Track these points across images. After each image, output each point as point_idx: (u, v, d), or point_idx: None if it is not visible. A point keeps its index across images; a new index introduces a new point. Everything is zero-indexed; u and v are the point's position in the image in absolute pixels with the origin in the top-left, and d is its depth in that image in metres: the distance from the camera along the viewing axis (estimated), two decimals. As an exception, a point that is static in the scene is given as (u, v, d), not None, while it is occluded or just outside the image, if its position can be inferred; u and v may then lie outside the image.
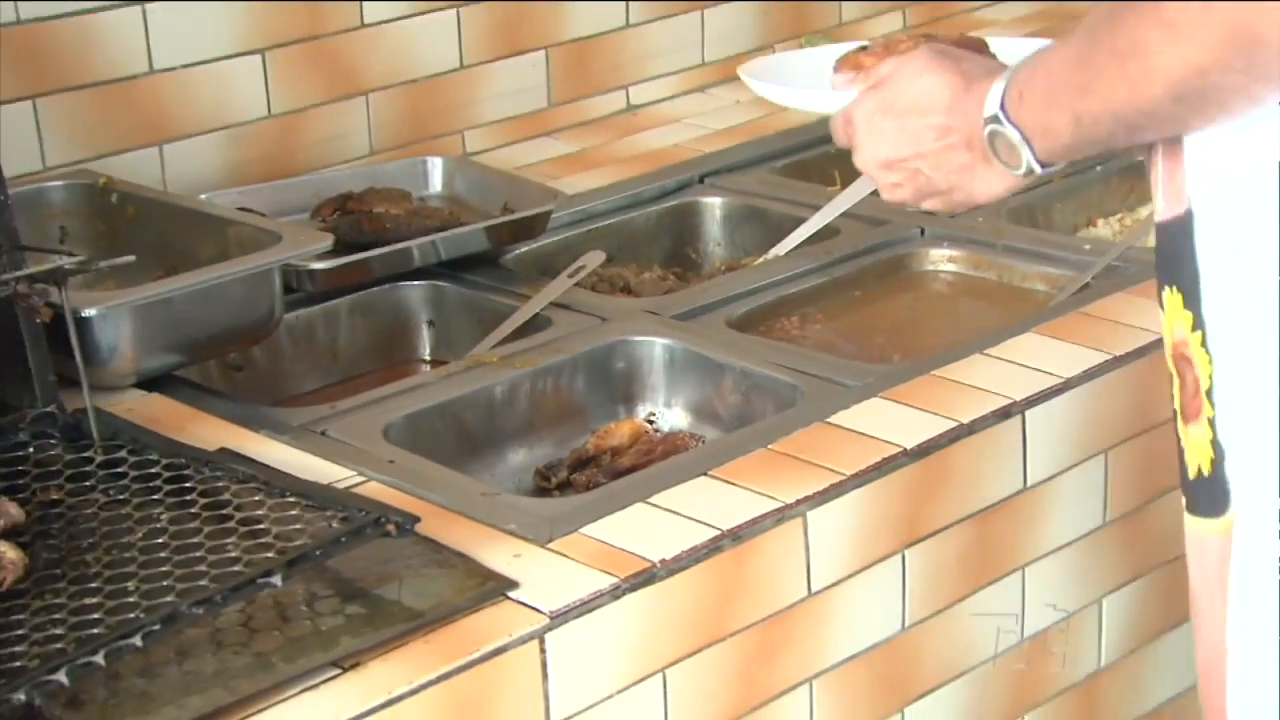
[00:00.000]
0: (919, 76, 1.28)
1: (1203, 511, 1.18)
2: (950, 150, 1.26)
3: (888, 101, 1.29)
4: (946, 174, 1.28)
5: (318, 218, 1.86)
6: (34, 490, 1.35)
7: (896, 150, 1.29)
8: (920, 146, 1.28)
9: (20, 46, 1.77)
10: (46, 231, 1.71)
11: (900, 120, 1.28)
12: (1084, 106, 1.14)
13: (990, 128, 1.21)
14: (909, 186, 1.31)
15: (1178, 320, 1.17)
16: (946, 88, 1.26)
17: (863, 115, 1.32)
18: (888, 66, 1.33)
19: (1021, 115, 1.19)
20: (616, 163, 2.10)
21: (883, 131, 1.30)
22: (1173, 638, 1.71)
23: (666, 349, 1.67)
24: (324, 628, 1.19)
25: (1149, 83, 1.08)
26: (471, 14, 2.11)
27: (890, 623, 1.45)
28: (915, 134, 1.28)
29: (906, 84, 1.28)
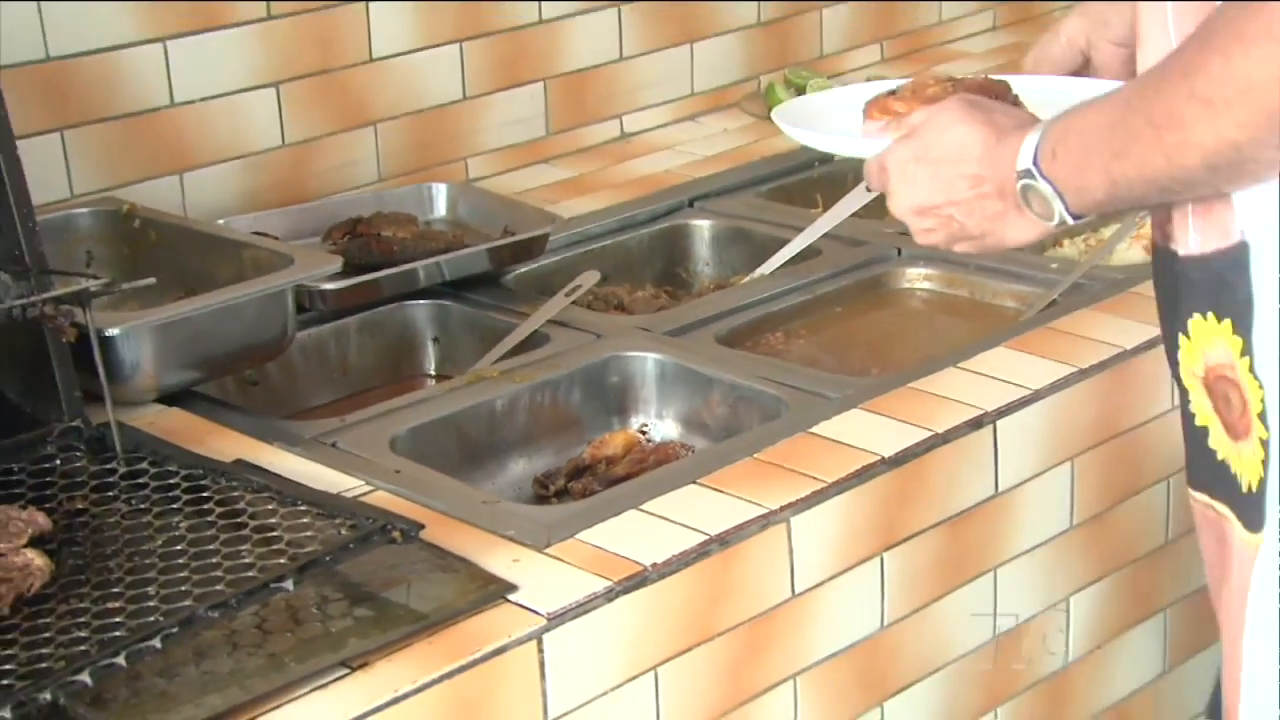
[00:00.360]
0: (951, 127, 1.27)
1: (1249, 526, 1.17)
2: (983, 199, 1.25)
3: (921, 150, 1.28)
4: (979, 220, 1.26)
5: (329, 241, 1.86)
6: (60, 500, 1.35)
7: (930, 198, 1.28)
8: (953, 194, 1.27)
9: (49, 81, 1.77)
10: (74, 255, 1.71)
11: (934, 169, 1.27)
12: (1119, 170, 1.13)
13: (1023, 182, 1.20)
14: (942, 232, 1.30)
15: (1213, 344, 1.16)
16: (978, 139, 1.25)
17: (897, 163, 1.30)
18: (919, 116, 1.31)
19: (1054, 171, 1.19)
20: (611, 188, 2.10)
21: (916, 179, 1.28)
22: (1135, 634, 1.71)
23: (658, 363, 1.67)
24: (333, 630, 1.19)
25: (1184, 154, 1.08)
26: (473, 48, 2.11)
27: (869, 622, 1.45)
28: (948, 182, 1.26)
29: (939, 134, 1.27)
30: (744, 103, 2.38)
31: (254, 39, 1.91)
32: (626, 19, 2.25)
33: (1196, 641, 1.79)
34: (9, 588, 1.20)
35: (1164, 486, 1.68)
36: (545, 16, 2.17)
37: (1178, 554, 1.73)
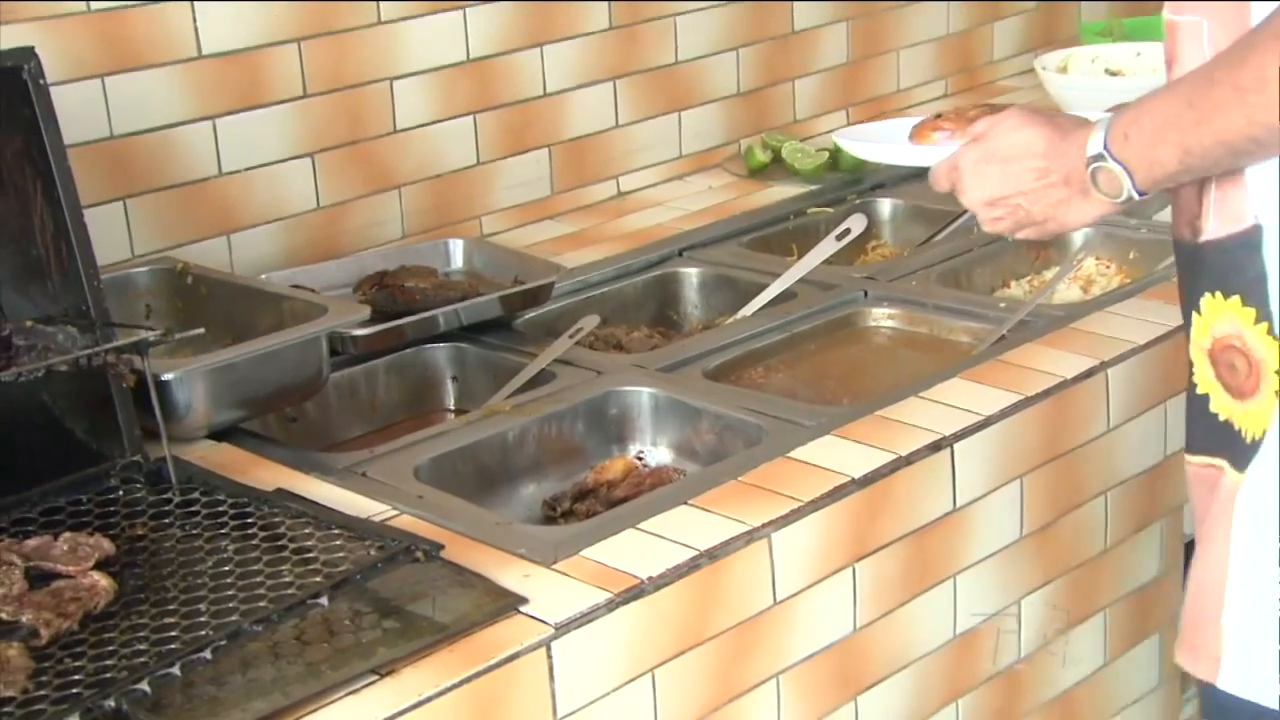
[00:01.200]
0: (1017, 130, 1.32)
1: (1239, 467, 1.22)
2: (1050, 188, 1.30)
3: (989, 151, 1.33)
4: (1044, 207, 1.31)
5: (358, 292, 1.85)
6: (123, 527, 1.34)
7: (1000, 189, 1.33)
8: (1021, 185, 1.31)
9: (113, 157, 1.77)
10: (134, 309, 1.70)
11: (1002, 165, 1.32)
12: (1194, 139, 1.18)
13: (1094, 165, 1.25)
14: (1009, 220, 1.35)
15: (1221, 318, 1.22)
16: (1041, 138, 1.30)
17: (968, 163, 1.35)
18: (982, 125, 1.36)
19: (1126, 152, 1.23)
20: (609, 240, 2.10)
21: (987, 175, 1.33)
22: (1079, 632, 1.70)
23: (652, 397, 1.66)
24: (364, 640, 1.18)
25: (1269, 112, 1.12)
26: (485, 119, 2.10)
27: (843, 625, 1.44)
28: (1016, 176, 1.31)
29: (1005, 136, 1.32)
30: (726, 163, 2.38)
31: (292, 115, 1.91)
32: (621, 91, 2.25)
33: (1132, 637, 1.78)
34: (78, 606, 1.19)
35: (1102, 500, 1.67)
36: (549, 90, 2.17)
37: (1116, 560, 1.72)
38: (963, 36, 2.72)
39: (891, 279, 1.93)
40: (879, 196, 2.25)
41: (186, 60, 1.81)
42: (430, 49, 2.02)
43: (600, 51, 2.20)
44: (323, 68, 1.92)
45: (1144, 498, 1.73)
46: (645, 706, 1.29)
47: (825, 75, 2.52)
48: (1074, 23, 2.86)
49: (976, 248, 2.03)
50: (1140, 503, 1.72)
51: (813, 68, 2.50)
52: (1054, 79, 2.40)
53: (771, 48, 2.43)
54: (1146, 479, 1.72)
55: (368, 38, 1.96)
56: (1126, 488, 1.70)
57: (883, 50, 2.60)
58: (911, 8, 2.62)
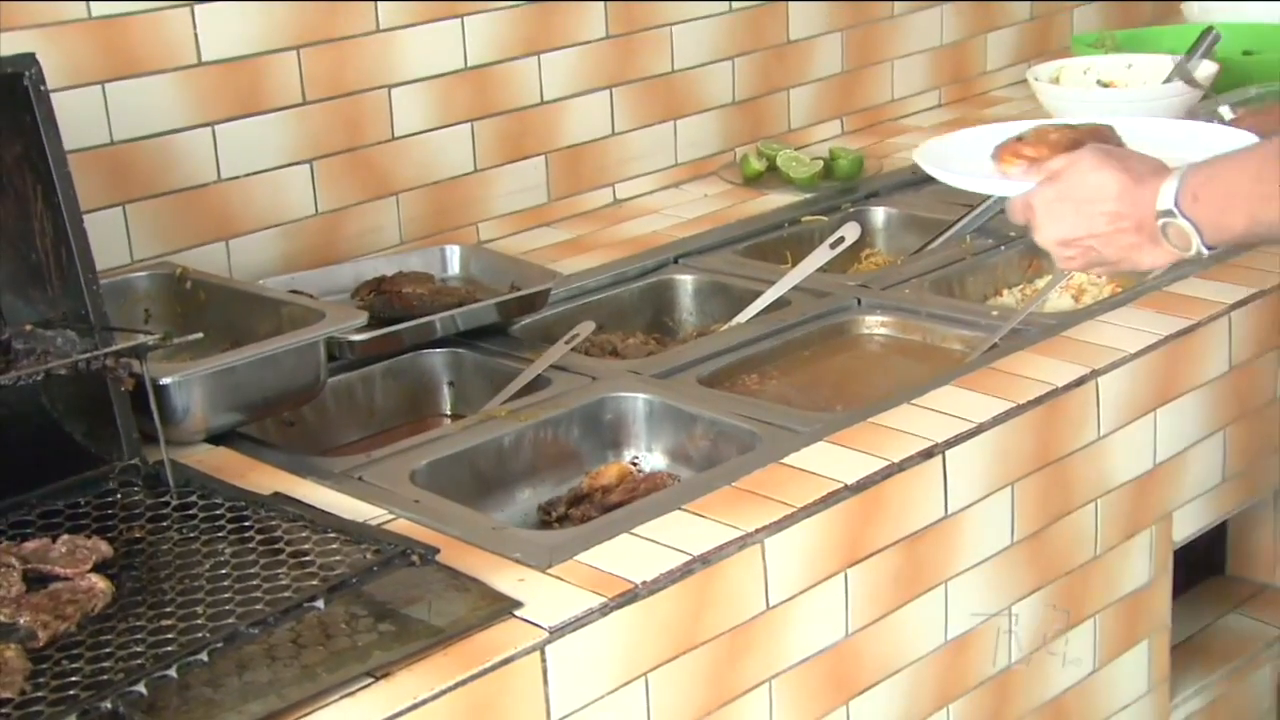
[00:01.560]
0: (1092, 172, 1.34)
1: None
2: (1121, 233, 1.33)
3: (1064, 192, 1.36)
4: (1115, 250, 1.35)
5: (356, 297, 1.85)
6: (121, 530, 1.34)
7: (1073, 231, 1.36)
8: (1094, 228, 1.34)
9: (113, 162, 1.77)
10: (133, 313, 1.71)
11: (1076, 206, 1.35)
12: (1262, 211, 1.23)
13: (1164, 220, 1.29)
14: (1080, 260, 1.39)
15: None
16: (1116, 182, 1.33)
17: (1043, 202, 1.38)
18: (1059, 162, 1.39)
19: (1196, 212, 1.27)
20: (605, 247, 2.10)
21: (1061, 216, 1.36)
22: (1070, 638, 1.70)
23: (647, 402, 1.66)
24: (360, 643, 1.18)
25: None
26: (483, 126, 2.11)
27: (836, 630, 1.44)
28: (1090, 218, 1.34)
29: (1080, 177, 1.35)
30: (722, 172, 2.38)
31: (290, 122, 1.91)
32: (617, 99, 2.26)
33: (1122, 643, 1.78)
34: (76, 608, 1.19)
35: (1092, 507, 1.68)
36: (546, 98, 2.17)
37: (1105, 567, 1.72)
38: (957, 47, 2.73)
39: (885, 287, 1.94)
40: (873, 205, 2.25)
41: (187, 67, 1.81)
42: (428, 57, 2.03)
43: (597, 60, 2.21)
44: (322, 75, 1.93)
45: (1134, 505, 1.73)
46: (639, 710, 1.29)
47: (820, 85, 2.52)
48: (1067, 34, 2.87)
49: (969, 256, 2.04)
50: (1130, 510, 1.73)
51: (808, 77, 2.50)
52: (1046, 90, 2.41)
53: (767, 57, 2.43)
54: (1136, 487, 1.72)
55: (366, 45, 1.96)
56: (1116, 495, 1.70)
57: (877, 60, 2.60)
58: (906, 19, 2.62)
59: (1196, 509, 1.82)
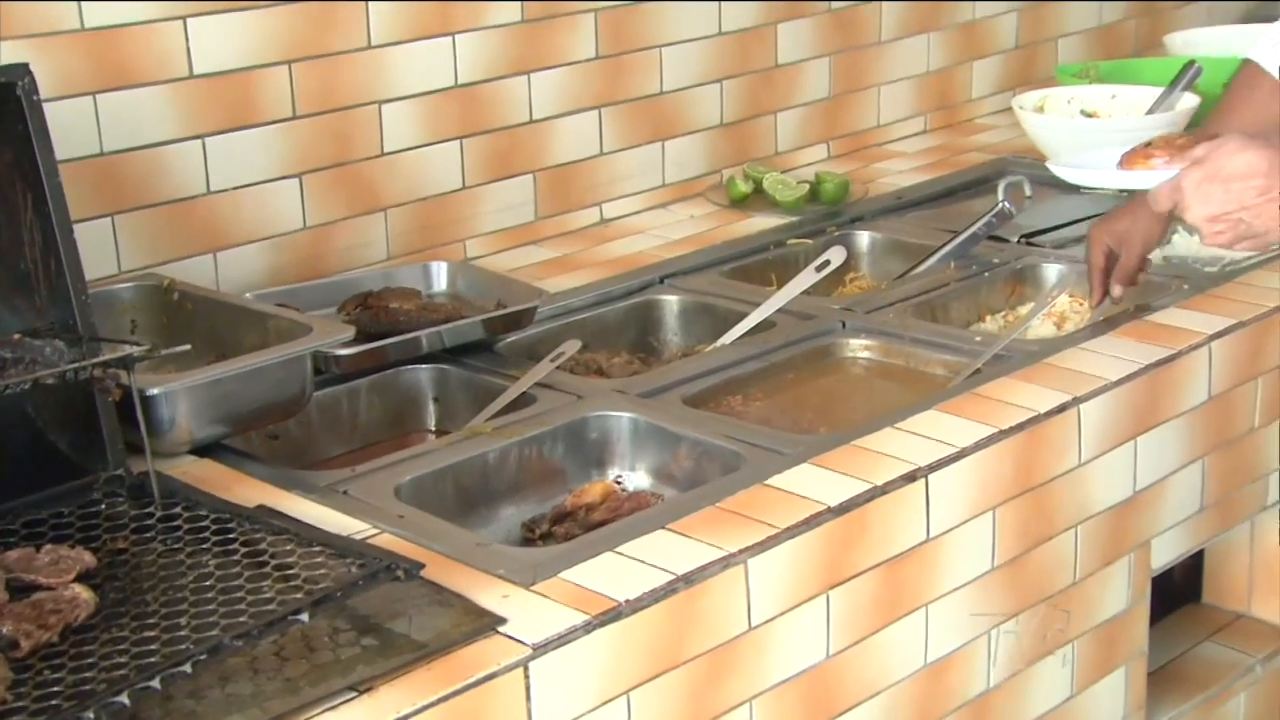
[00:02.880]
0: (1239, 152, 1.46)
1: None
2: (1271, 203, 1.44)
3: (1212, 172, 1.47)
4: (1266, 220, 1.46)
5: (343, 312, 1.85)
6: (105, 540, 1.34)
7: (1224, 207, 1.47)
8: (1244, 201, 1.45)
9: (102, 173, 1.77)
10: (120, 324, 1.70)
11: (1226, 184, 1.46)
12: None
13: None
14: (1229, 233, 1.49)
15: None
16: (1264, 158, 1.45)
17: (1191, 183, 1.49)
18: (1201, 150, 1.50)
19: None
20: (591, 266, 2.10)
21: (1210, 194, 1.47)
22: (1048, 663, 1.71)
23: (632, 421, 1.67)
24: (343, 657, 1.18)
25: None
26: (472, 144, 2.11)
27: (817, 651, 1.45)
28: (1239, 193, 1.46)
29: (1228, 158, 1.46)
30: (708, 193, 2.39)
31: (280, 136, 1.92)
32: (606, 120, 2.27)
33: (1100, 669, 1.79)
34: (58, 618, 1.19)
35: (1072, 533, 1.69)
36: (535, 117, 2.18)
37: (1085, 592, 1.73)
38: (942, 74, 2.75)
39: (869, 311, 1.95)
40: (858, 229, 2.27)
41: (178, 80, 1.81)
42: (419, 74, 2.03)
43: (586, 80, 2.22)
44: (312, 89, 1.93)
45: (1113, 532, 1.74)
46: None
47: (807, 109, 2.54)
48: (1051, 64, 2.89)
49: (953, 282, 2.05)
50: (1109, 537, 1.74)
51: (795, 101, 2.52)
52: (1030, 118, 2.43)
53: (755, 80, 2.45)
54: (1116, 514, 1.74)
55: (357, 61, 1.97)
56: (1096, 522, 1.71)
57: (864, 86, 2.62)
58: (892, 45, 2.64)
59: (1174, 537, 1.83)
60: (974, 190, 2.44)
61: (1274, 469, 1.95)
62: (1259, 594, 2.08)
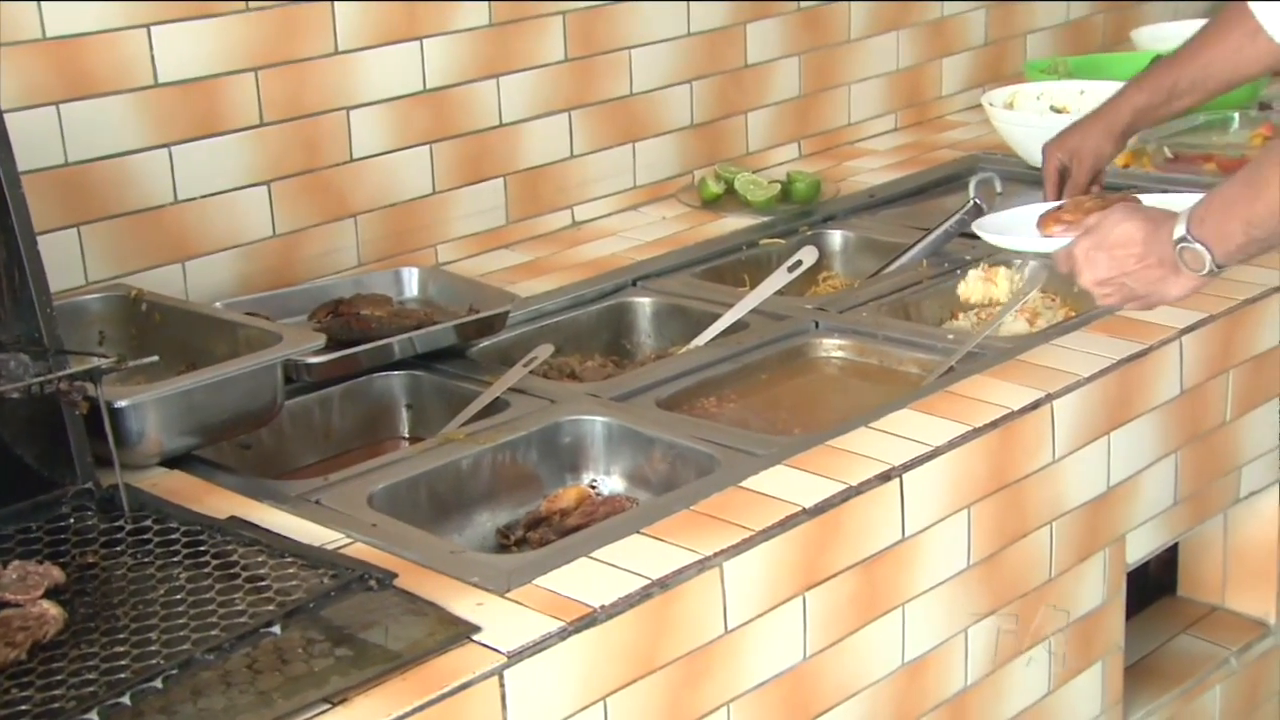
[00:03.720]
0: (1120, 224, 1.59)
1: None
2: (1147, 269, 1.57)
3: (1099, 241, 1.60)
4: (1145, 284, 1.59)
5: (314, 320, 1.84)
6: (74, 555, 1.33)
7: (1108, 272, 1.60)
8: (1125, 268, 1.58)
9: (68, 183, 1.75)
10: (88, 336, 1.69)
11: (1109, 252, 1.59)
12: (1252, 212, 1.48)
13: (1180, 246, 1.53)
14: (1117, 295, 1.62)
15: None
16: (1140, 229, 1.57)
17: (1082, 251, 1.62)
18: (1094, 219, 1.64)
19: (1203, 231, 1.52)
20: (563, 270, 2.10)
21: (1097, 261, 1.60)
22: (1024, 660, 1.71)
23: (605, 425, 1.66)
24: (317, 669, 1.17)
25: None
26: (442, 149, 2.11)
27: (794, 653, 1.45)
28: (1121, 260, 1.58)
29: (1111, 229, 1.59)
30: (680, 194, 2.39)
31: (248, 144, 1.90)
32: (576, 122, 2.26)
33: (1076, 665, 1.79)
34: (26, 635, 1.18)
35: (1047, 530, 1.69)
36: (505, 120, 2.17)
37: (1060, 589, 1.73)
38: (912, 72, 2.75)
39: (842, 310, 1.95)
40: (830, 228, 2.27)
41: (143, 88, 1.80)
42: (387, 79, 2.02)
43: (556, 83, 2.21)
44: (280, 96, 1.92)
45: (1088, 528, 1.74)
46: (597, 735, 1.28)
47: (778, 108, 2.54)
48: (1020, 60, 2.90)
49: (926, 280, 2.05)
50: (1084, 533, 1.74)
51: (765, 101, 2.52)
52: (1000, 114, 2.43)
53: (725, 81, 2.44)
54: (1090, 509, 1.74)
55: (325, 67, 1.96)
56: (1071, 518, 1.71)
57: (834, 85, 2.62)
58: (862, 44, 2.64)
59: (1149, 531, 1.84)
60: (945, 187, 2.44)
61: (1246, 461, 1.95)
62: (1233, 587, 2.09)
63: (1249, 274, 1.94)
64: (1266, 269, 1.96)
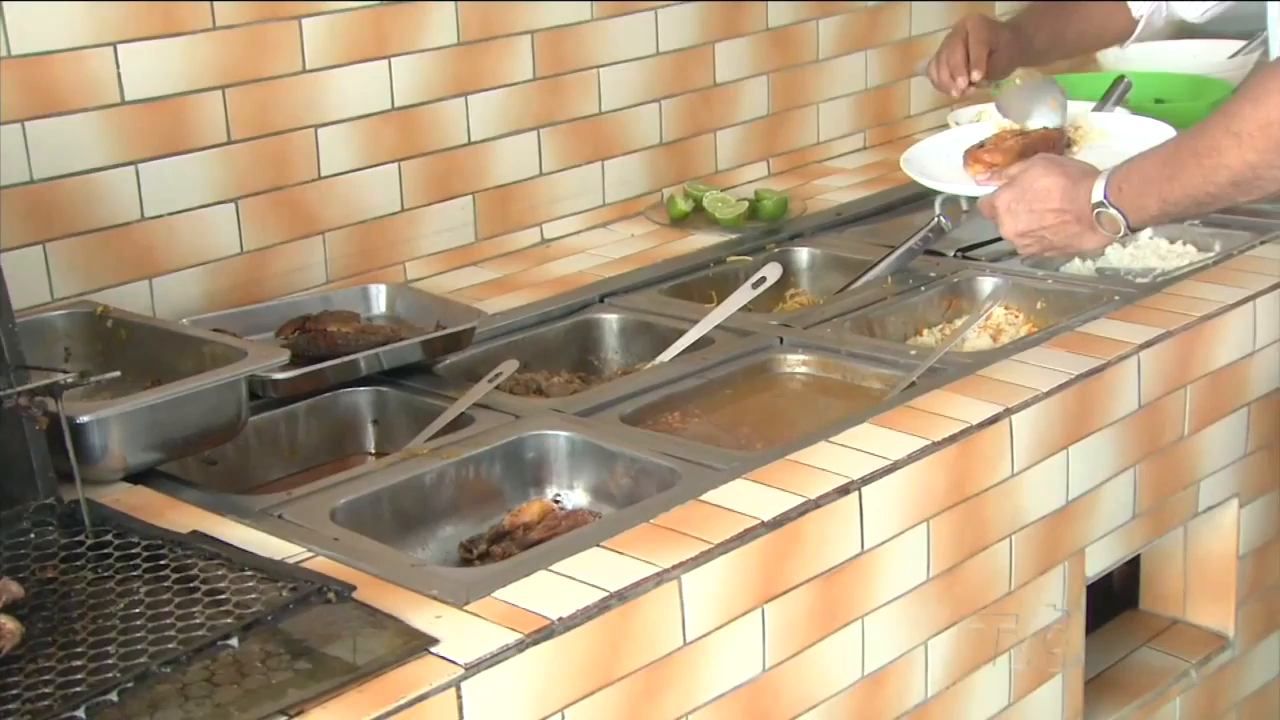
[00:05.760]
0: (1040, 178, 1.67)
1: None
2: (1065, 224, 1.66)
3: (1019, 194, 1.69)
4: (1063, 238, 1.68)
5: (281, 336, 1.84)
6: (33, 569, 1.33)
7: (1028, 225, 1.69)
8: (1044, 222, 1.67)
9: (33, 201, 1.76)
10: (53, 352, 1.68)
11: (1029, 206, 1.68)
12: (1168, 191, 1.56)
13: (1098, 210, 1.62)
14: (1036, 246, 1.71)
15: None
16: (1058, 185, 1.66)
17: (1003, 203, 1.71)
18: (1015, 169, 1.73)
19: (1121, 200, 1.60)
20: (531, 286, 2.11)
21: (1018, 214, 1.69)
22: (984, 672, 1.72)
23: (569, 440, 1.66)
24: (275, 681, 1.18)
25: (1218, 174, 1.51)
26: (410, 166, 2.11)
27: (753, 666, 1.45)
28: (1040, 215, 1.67)
29: (1031, 182, 1.68)
30: (649, 212, 2.40)
31: (215, 161, 1.91)
32: (545, 140, 2.27)
33: (1036, 678, 1.80)
34: (-18, 650, 1.18)
35: (1007, 543, 1.70)
36: (474, 138, 2.18)
37: (1020, 601, 1.74)
38: (880, 91, 2.77)
39: (806, 326, 1.96)
40: (797, 246, 2.28)
41: (109, 106, 1.80)
42: (355, 97, 2.03)
43: (525, 101, 2.22)
44: (247, 114, 1.93)
45: (1047, 541, 1.76)
46: (555, 747, 1.29)
47: (746, 127, 2.55)
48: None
49: (890, 297, 2.07)
50: (1043, 546, 1.75)
51: (734, 119, 2.53)
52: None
53: (694, 99, 2.46)
54: (1050, 523, 1.75)
55: (293, 85, 1.97)
56: (1030, 531, 1.73)
57: (803, 104, 2.64)
58: (831, 63, 2.66)
59: (1108, 544, 1.85)
60: (912, 206, 2.45)
61: (1205, 476, 1.97)
62: (1193, 600, 2.10)
63: (1206, 291, 1.96)
64: (1224, 286, 1.98)
